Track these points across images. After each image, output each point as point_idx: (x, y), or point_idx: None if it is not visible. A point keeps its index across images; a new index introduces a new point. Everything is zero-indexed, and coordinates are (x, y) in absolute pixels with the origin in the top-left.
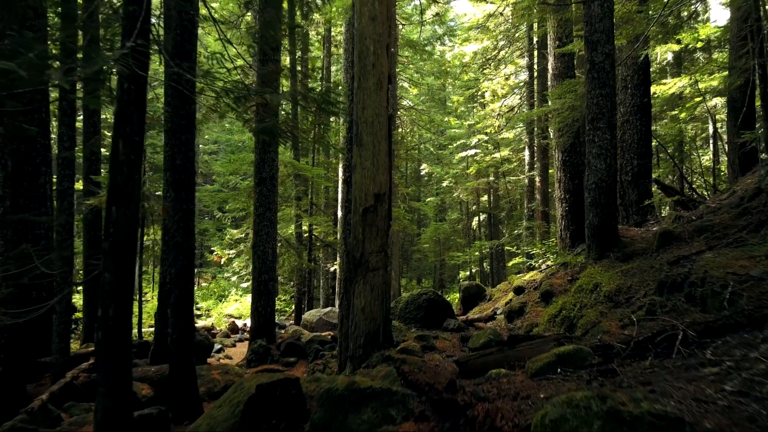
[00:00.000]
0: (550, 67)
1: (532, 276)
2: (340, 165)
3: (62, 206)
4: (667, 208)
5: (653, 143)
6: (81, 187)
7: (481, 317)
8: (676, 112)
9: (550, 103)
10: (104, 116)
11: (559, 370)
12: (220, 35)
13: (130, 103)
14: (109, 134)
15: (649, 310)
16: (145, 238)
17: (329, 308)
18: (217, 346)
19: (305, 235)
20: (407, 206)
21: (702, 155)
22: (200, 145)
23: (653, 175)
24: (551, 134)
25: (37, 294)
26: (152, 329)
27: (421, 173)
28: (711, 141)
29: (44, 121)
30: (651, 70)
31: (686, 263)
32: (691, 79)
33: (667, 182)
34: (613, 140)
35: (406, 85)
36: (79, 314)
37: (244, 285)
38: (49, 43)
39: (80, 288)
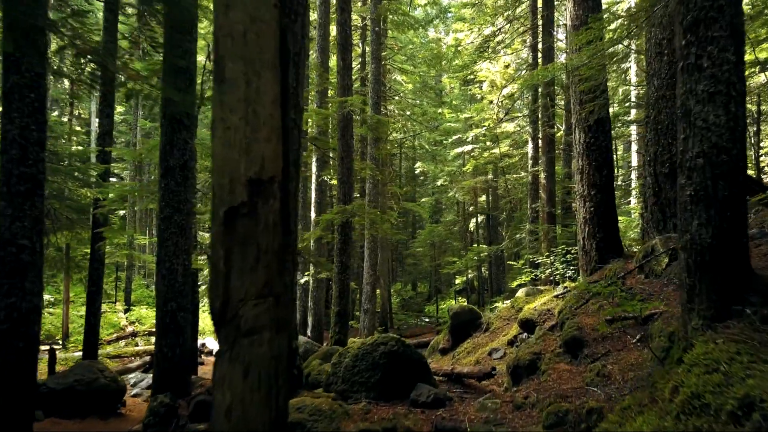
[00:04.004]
0: (569, 17)
1: (545, 303)
2: (313, 156)
3: None
4: None
5: None
6: None
7: (473, 372)
8: None
9: (564, 59)
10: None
11: None
12: None
13: None
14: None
15: None
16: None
17: None
18: (149, 380)
19: None
20: (401, 208)
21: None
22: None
23: None
24: (572, 105)
25: None
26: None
27: (416, 172)
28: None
29: None
30: None
31: None
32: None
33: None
34: (740, 66)
35: (398, 77)
36: None
37: None
38: None
39: None
